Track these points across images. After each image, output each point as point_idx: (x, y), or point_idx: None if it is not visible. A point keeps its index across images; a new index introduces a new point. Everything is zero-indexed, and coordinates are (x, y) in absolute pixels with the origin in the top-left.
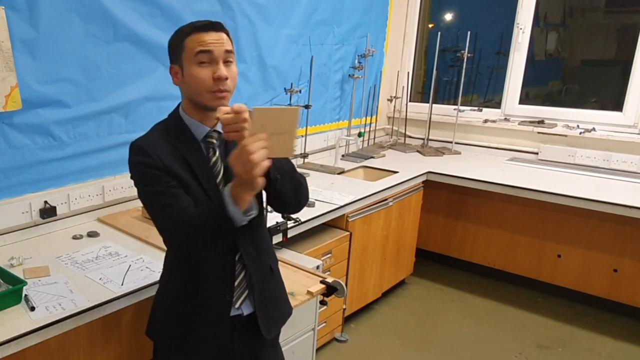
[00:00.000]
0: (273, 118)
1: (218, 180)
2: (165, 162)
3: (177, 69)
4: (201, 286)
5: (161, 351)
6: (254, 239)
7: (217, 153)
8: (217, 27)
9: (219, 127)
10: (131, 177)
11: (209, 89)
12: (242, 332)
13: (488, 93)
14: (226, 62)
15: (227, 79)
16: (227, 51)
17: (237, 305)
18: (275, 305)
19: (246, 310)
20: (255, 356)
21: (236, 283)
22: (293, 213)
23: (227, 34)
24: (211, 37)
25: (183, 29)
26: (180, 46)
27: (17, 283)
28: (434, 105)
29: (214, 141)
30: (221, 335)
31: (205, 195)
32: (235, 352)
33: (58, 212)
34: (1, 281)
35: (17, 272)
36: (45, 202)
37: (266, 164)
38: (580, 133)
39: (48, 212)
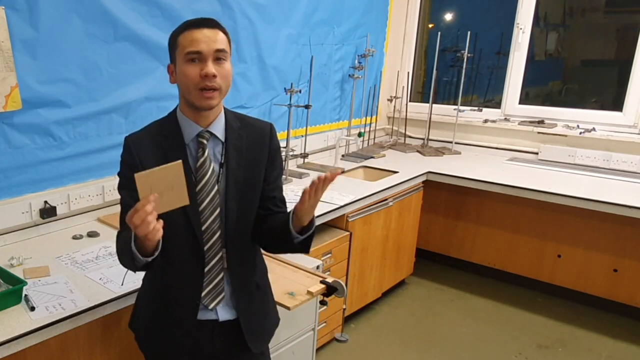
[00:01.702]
0: (157, 178)
1: (206, 179)
2: (145, 165)
3: (172, 67)
4: (171, 285)
5: (144, 347)
6: (243, 257)
7: (206, 153)
8: (209, 23)
9: (211, 128)
10: None
11: (197, 86)
12: (224, 339)
13: (488, 93)
14: (218, 60)
15: (214, 76)
16: (218, 50)
17: (210, 307)
18: (260, 318)
19: (223, 316)
20: None
21: (210, 286)
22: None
23: (223, 31)
24: (203, 34)
25: (179, 26)
26: (175, 44)
27: (17, 283)
28: (434, 105)
29: (205, 141)
30: (199, 338)
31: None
32: (218, 358)
33: (58, 212)
34: (1, 281)
35: (17, 272)
36: (45, 202)
37: (159, 226)
38: (580, 133)
39: (48, 212)
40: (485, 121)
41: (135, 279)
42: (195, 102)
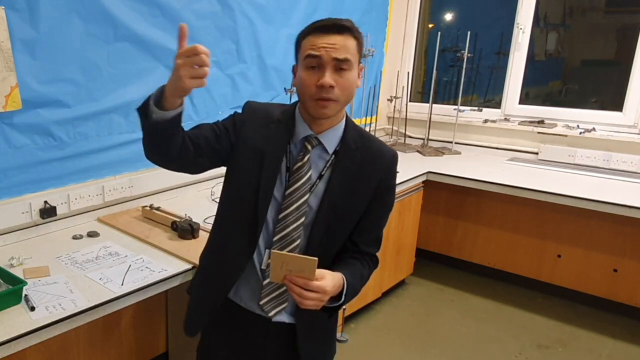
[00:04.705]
0: (292, 262)
1: (298, 185)
2: (244, 133)
3: (296, 68)
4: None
5: (204, 341)
6: None
7: (306, 158)
8: (339, 29)
9: (322, 136)
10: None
11: (313, 96)
12: (276, 341)
13: (488, 93)
14: (340, 70)
15: (331, 87)
16: (338, 59)
17: (271, 314)
18: (317, 339)
19: (279, 318)
20: None
21: (270, 297)
22: None
23: (355, 36)
24: (327, 40)
25: (307, 26)
26: (299, 45)
27: (17, 283)
28: (434, 105)
29: (309, 147)
30: (253, 334)
31: (255, 190)
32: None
33: (58, 212)
34: (1, 281)
35: (17, 272)
36: (45, 202)
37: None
38: (580, 133)
39: (48, 212)
40: (485, 121)
41: (135, 279)
42: (309, 110)
